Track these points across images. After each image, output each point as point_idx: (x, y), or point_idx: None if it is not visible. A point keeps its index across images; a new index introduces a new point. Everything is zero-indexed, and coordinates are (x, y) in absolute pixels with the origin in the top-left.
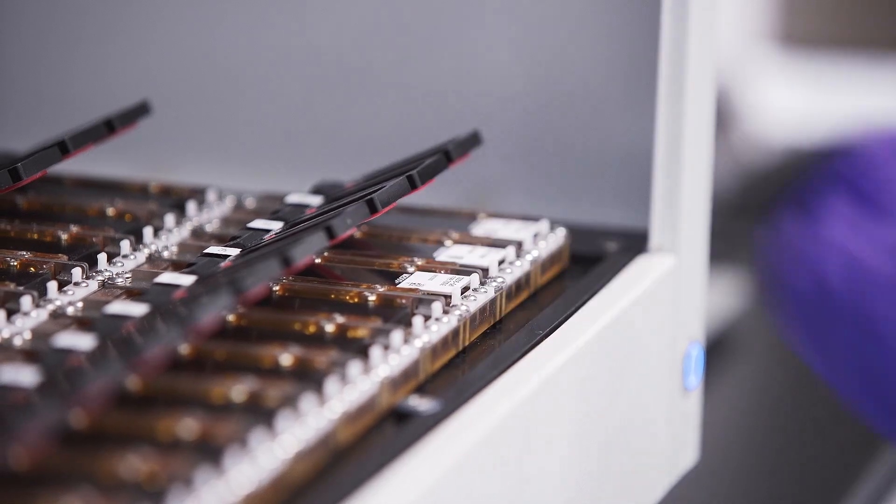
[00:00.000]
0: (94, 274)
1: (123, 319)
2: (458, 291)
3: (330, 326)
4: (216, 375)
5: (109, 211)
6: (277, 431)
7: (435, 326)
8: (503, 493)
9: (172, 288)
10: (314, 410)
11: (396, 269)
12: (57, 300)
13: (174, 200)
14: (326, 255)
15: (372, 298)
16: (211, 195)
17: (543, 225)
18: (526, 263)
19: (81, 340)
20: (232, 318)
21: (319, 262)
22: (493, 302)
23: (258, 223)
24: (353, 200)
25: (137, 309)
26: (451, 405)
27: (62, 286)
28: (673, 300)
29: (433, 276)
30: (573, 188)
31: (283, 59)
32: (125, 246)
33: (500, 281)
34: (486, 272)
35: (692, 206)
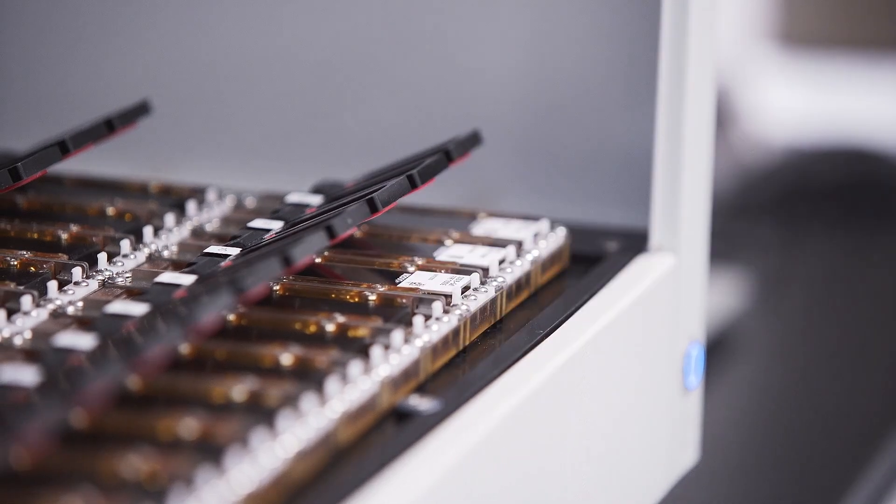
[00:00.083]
0: (94, 273)
1: (124, 319)
2: (458, 291)
3: (330, 326)
4: (217, 375)
5: (109, 210)
6: (278, 431)
7: (435, 326)
8: (504, 492)
9: (173, 287)
10: (315, 410)
11: (397, 268)
12: (57, 300)
13: (174, 200)
14: (327, 254)
15: (372, 298)
16: (211, 195)
17: (544, 224)
18: (526, 263)
19: (82, 340)
20: (232, 317)
21: (320, 261)
22: (493, 301)
23: (258, 223)
24: (353, 200)
25: (138, 308)
26: (451, 405)
27: (62, 286)
28: (673, 300)
29: (433, 275)
30: (573, 188)
31: (283, 58)
32: (125, 245)
33: (500, 280)
34: (486, 272)
35: (692, 205)
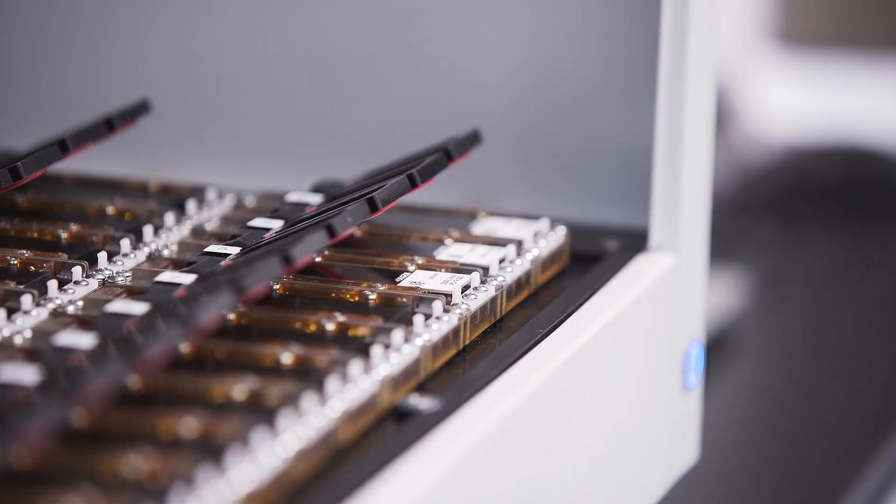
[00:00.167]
0: (94, 272)
1: (124, 318)
2: (458, 290)
3: (330, 325)
4: (217, 374)
5: (109, 209)
6: (278, 430)
7: (435, 325)
8: (504, 491)
9: (173, 286)
10: (315, 409)
11: (397, 267)
12: (57, 299)
13: (174, 199)
14: (327, 253)
15: (372, 297)
16: (211, 194)
17: (544, 223)
18: (526, 262)
19: (82, 339)
20: (232, 316)
21: (320, 260)
22: (493, 300)
23: (258, 222)
24: (353, 199)
25: (138, 307)
26: (451, 404)
27: (62, 285)
28: (673, 299)
29: (434, 274)
30: (573, 187)
31: (283, 57)
32: (125, 244)
33: (500, 279)
34: (486, 271)
35: (692, 204)
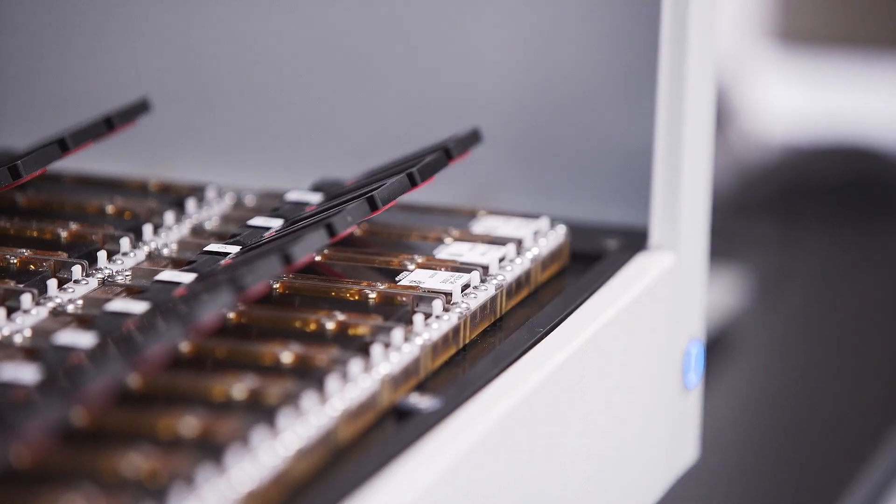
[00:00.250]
0: (94, 271)
1: (124, 317)
2: (458, 289)
3: (330, 324)
4: (217, 373)
5: (109, 208)
6: (279, 429)
7: (435, 324)
8: (504, 490)
9: (172, 285)
10: (315, 408)
11: (397, 266)
12: (57, 298)
13: (174, 198)
14: (327, 252)
15: (372, 296)
16: (210, 193)
17: (543, 222)
18: (526, 261)
19: (82, 338)
20: (232, 315)
21: (320, 259)
22: (493, 299)
23: (258, 221)
24: (353, 198)
25: (138, 306)
26: (451, 403)
27: (62, 284)
28: (673, 298)
29: (433, 273)
30: (573, 186)
31: (283, 56)
32: (125, 243)
33: (500, 278)
34: (486, 270)
35: (692, 203)
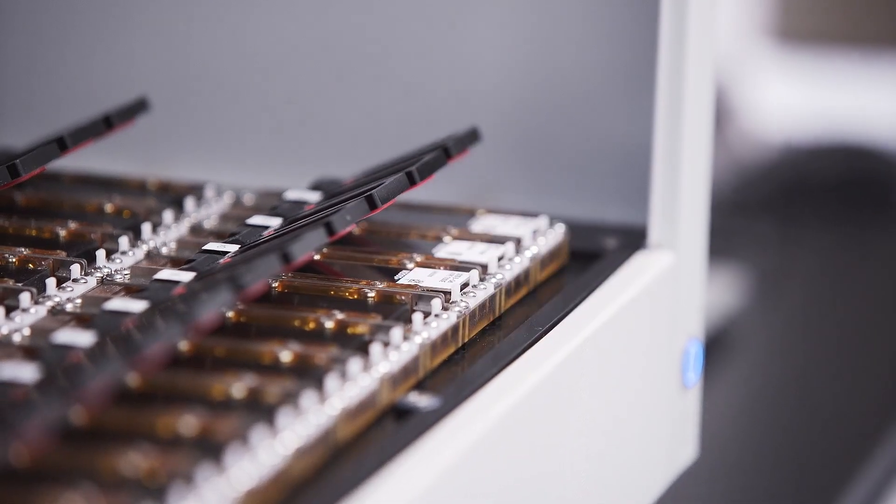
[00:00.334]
0: (92, 270)
1: (123, 316)
2: (457, 288)
3: (329, 323)
4: (216, 372)
5: (108, 207)
6: (278, 428)
7: (434, 323)
8: (503, 489)
9: (171, 284)
10: (314, 407)
11: (396, 265)
12: (56, 297)
13: (172, 197)
14: (326, 251)
15: (371, 295)
16: (209, 191)
17: (542, 221)
18: (525, 260)
19: (81, 337)
20: (231, 314)
21: (319, 258)
22: (492, 298)
23: (257, 219)
24: (352, 197)
25: (137, 305)
26: (450, 402)
27: (61, 283)
28: (672, 297)
29: (432, 272)
30: (572, 185)
31: (281, 55)
32: (124, 242)
33: (499, 277)
34: (485, 269)
35: (691, 202)
